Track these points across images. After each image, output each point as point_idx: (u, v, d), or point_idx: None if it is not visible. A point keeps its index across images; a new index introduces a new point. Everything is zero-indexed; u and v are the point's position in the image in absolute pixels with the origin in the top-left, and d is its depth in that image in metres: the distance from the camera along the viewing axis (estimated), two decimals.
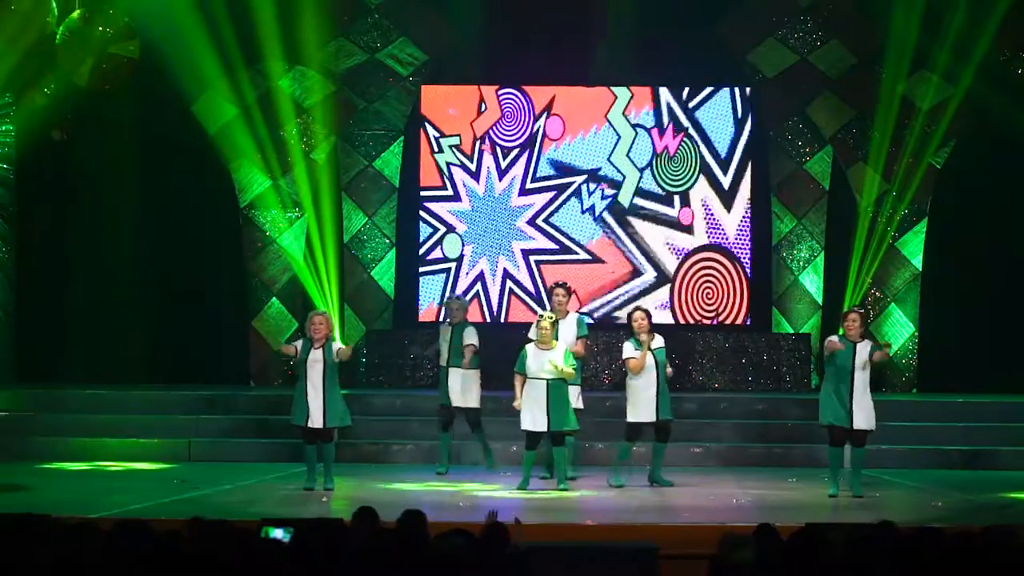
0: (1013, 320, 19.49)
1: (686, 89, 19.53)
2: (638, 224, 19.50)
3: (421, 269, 19.67)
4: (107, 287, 19.70)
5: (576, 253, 19.55)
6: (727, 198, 19.51)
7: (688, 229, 19.51)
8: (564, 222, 19.59)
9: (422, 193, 19.68)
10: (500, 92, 19.62)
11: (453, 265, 19.61)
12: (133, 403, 17.39)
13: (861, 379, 13.87)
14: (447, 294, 19.15)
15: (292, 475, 14.87)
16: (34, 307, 19.34)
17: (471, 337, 15.30)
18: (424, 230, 19.68)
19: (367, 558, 6.40)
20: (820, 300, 19.74)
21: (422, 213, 19.69)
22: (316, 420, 13.97)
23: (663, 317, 19.10)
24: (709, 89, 19.54)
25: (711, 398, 17.75)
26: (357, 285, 19.93)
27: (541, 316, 14.35)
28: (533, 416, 14.07)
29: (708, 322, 19.46)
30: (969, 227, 19.60)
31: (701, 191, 19.52)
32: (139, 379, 18.92)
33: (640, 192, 19.50)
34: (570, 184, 19.56)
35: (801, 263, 19.84)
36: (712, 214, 19.53)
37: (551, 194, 19.60)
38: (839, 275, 19.48)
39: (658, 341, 14.52)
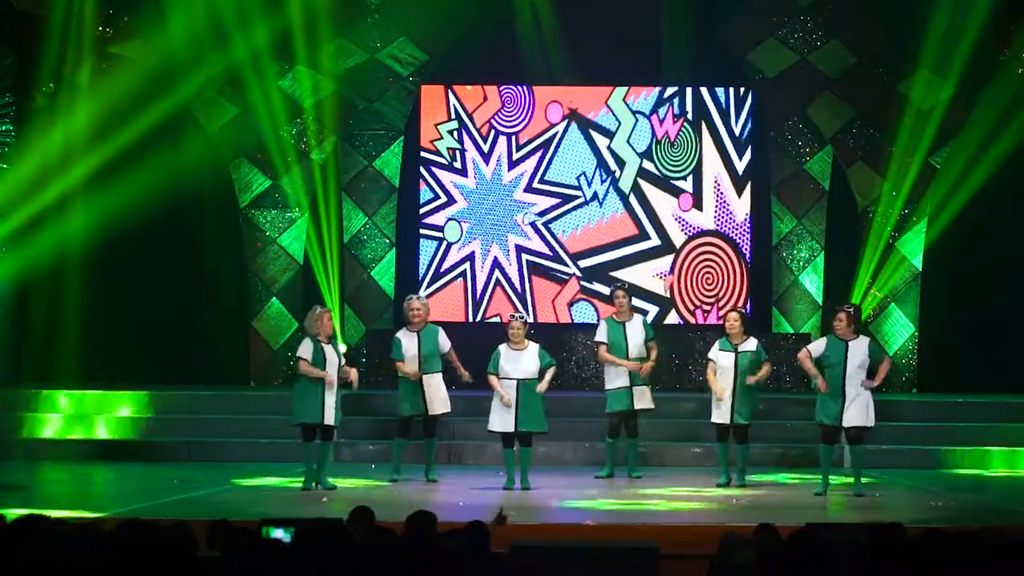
0: (1013, 320, 19.50)
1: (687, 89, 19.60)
2: (622, 274, 19.44)
3: (421, 231, 19.68)
4: (107, 287, 19.69)
5: (567, 265, 19.52)
6: (696, 201, 19.54)
7: (670, 248, 19.51)
8: (562, 230, 19.56)
9: (429, 156, 19.62)
10: (501, 88, 19.66)
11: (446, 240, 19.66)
12: (133, 403, 17.38)
13: (856, 376, 13.85)
14: (430, 270, 19.29)
15: (292, 475, 14.87)
16: (34, 307, 19.33)
17: (447, 341, 14.70)
18: (425, 192, 19.67)
19: (371, 558, 6.40)
20: (820, 300, 19.75)
21: (423, 173, 19.64)
22: (329, 417, 13.97)
23: (660, 287, 19.35)
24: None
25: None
26: (357, 285, 19.93)
27: (513, 316, 14.52)
28: (501, 417, 14.17)
29: (708, 307, 19.47)
30: (969, 227, 19.60)
31: (671, 205, 19.56)
32: (139, 379, 18.92)
33: (642, 174, 19.54)
34: (575, 197, 19.54)
35: (801, 263, 19.85)
36: (687, 222, 19.56)
37: (556, 200, 19.58)
38: (839, 275, 19.48)
39: (748, 344, 14.48)
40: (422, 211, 19.71)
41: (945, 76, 19.00)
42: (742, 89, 19.59)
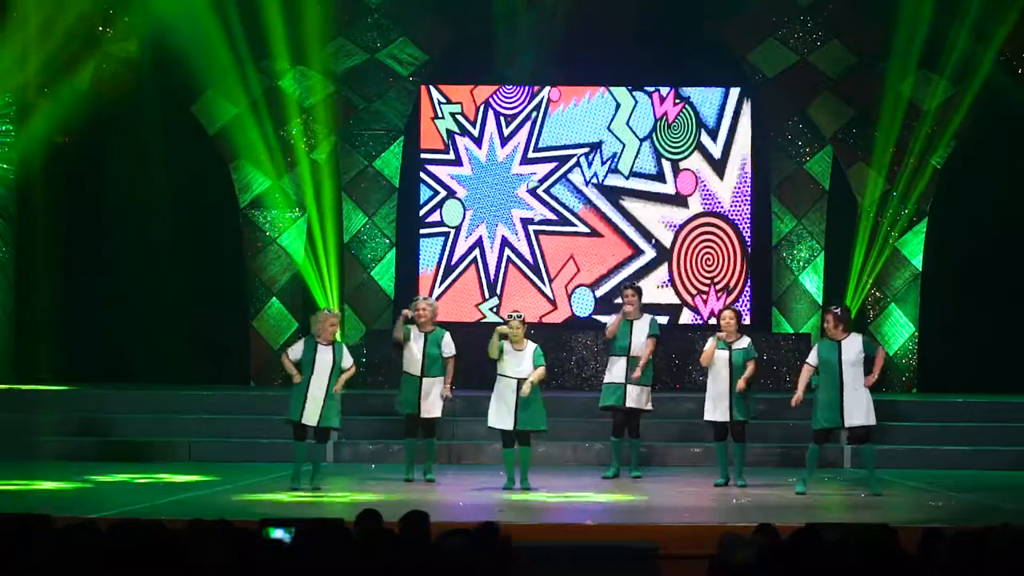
0: (1013, 320, 19.50)
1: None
2: (631, 205, 19.53)
3: (421, 231, 19.75)
4: (106, 287, 19.71)
5: (575, 225, 19.60)
6: (718, 167, 19.58)
7: (683, 202, 19.56)
8: (564, 194, 19.63)
9: (424, 156, 19.71)
10: (500, 88, 19.72)
11: (452, 231, 19.67)
12: (133, 403, 17.38)
13: (851, 375, 13.84)
14: (441, 263, 19.32)
15: (292, 475, 14.84)
16: (34, 307, 19.34)
17: (451, 347, 14.64)
18: (424, 192, 19.72)
19: (369, 558, 6.40)
20: (820, 300, 19.75)
21: (423, 175, 19.73)
22: (311, 418, 13.93)
23: (665, 296, 19.39)
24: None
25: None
26: (357, 285, 19.94)
27: (511, 316, 14.43)
28: (500, 414, 14.14)
29: (706, 289, 19.48)
30: (969, 227, 19.60)
31: (694, 162, 19.58)
32: (139, 379, 18.92)
33: (638, 166, 19.54)
34: (571, 156, 19.60)
35: (801, 263, 19.85)
36: (706, 184, 19.59)
37: (552, 164, 19.64)
38: (839, 275, 19.49)
39: (741, 342, 14.50)
40: (423, 211, 19.73)
41: (946, 76, 19.00)
42: (740, 89, 19.62)
